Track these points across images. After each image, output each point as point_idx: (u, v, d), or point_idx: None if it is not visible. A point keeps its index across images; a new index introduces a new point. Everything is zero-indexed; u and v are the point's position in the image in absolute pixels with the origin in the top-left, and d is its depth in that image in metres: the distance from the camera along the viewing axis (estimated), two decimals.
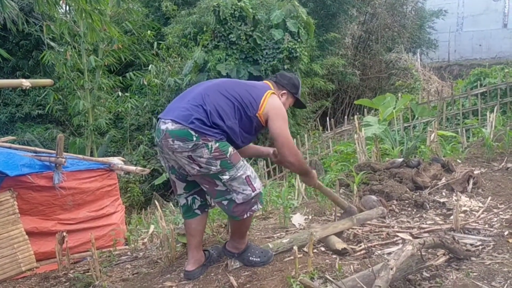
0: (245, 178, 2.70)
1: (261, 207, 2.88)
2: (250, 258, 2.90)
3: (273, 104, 2.81)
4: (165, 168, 2.95)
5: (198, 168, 2.63)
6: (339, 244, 3.07)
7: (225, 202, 2.72)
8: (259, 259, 2.91)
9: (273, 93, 2.89)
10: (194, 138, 2.57)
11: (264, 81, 3.07)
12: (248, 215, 2.75)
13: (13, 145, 4.98)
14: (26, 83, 4.35)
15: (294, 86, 3.07)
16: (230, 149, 2.66)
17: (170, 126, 2.61)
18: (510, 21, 21.52)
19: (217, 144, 2.60)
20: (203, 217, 2.98)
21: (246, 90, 2.80)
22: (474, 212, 3.77)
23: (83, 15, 6.57)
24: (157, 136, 2.74)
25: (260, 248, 2.98)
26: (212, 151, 2.59)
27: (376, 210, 3.69)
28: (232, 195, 2.70)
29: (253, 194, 2.73)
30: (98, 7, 7.00)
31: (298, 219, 3.84)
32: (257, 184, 2.78)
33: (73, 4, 6.57)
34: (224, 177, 2.65)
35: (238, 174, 2.68)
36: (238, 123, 2.72)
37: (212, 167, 2.62)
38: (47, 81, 5.19)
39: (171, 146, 2.62)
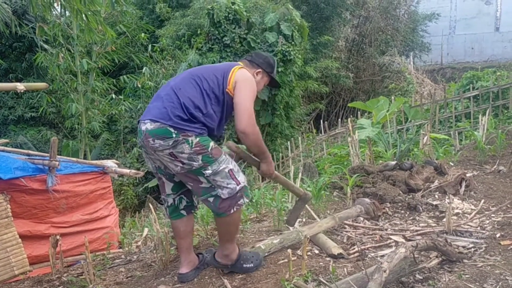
0: (228, 172, 2.67)
1: (247, 200, 2.82)
2: (244, 265, 2.86)
3: (241, 76, 2.79)
4: (152, 169, 2.93)
5: (181, 165, 2.63)
6: (335, 249, 3.09)
7: (211, 199, 2.70)
8: (252, 265, 2.88)
9: (242, 67, 2.86)
10: (174, 135, 2.57)
11: (239, 61, 3.04)
12: (235, 209, 2.71)
13: (6, 148, 4.95)
14: (20, 86, 4.33)
15: (269, 65, 3.04)
16: (211, 143, 2.66)
17: (149, 126, 2.63)
18: (502, 25, 21.71)
19: (198, 139, 2.61)
20: (189, 218, 2.98)
21: (212, 72, 2.80)
22: (466, 215, 3.80)
23: (78, 16, 6.57)
24: (139, 138, 2.76)
25: (249, 253, 2.94)
26: (193, 146, 2.59)
27: (355, 208, 3.81)
28: (217, 191, 2.67)
29: (238, 187, 2.70)
30: (93, 8, 6.98)
31: None
32: (241, 177, 2.75)
33: (67, 5, 6.54)
34: (207, 171, 2.63)
35: (221, 168, 2.65)
36: (213, 108, 2.70)
37: (194, 163, 2.61)
38: (42, 84, 5.17)
39: (152, 145, 2.63)
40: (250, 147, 2.71)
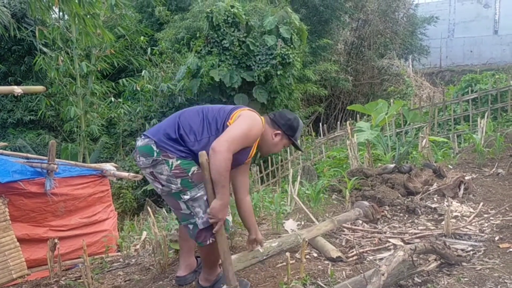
0: (206, 200, 2.51)
1: (226, 234, 2.61)
2: None
3: (246, 114, 2.65)
4: None
5: (160, 186, 2.56)
6: (334, 252, 3.09)
7: (190, 226, 2.60)
8: None
9: (252, 111, 2.71)
10: (155, 154, 2.51)
11: (261, 117, 2.80)
12: (210, 241, 2.55)
13: (4, 151, 4.95)
14: (18, 89, 4.32)
15: (291, 129, 2.81)
16: (194, 168, 2.52)
17: (139, 142, 2.61)
18: (500, 28, 21.77)
19: (179, 162, 2.49)
20: None
21: (222, 107, 2.71)
22: (465, 218, 3.80)
23: (76, 19, 6.57)
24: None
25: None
26: (173, 168, 2.49)
27: (354, 211, 3.80)
28: (195, 219, 2.55)
29: None
30: (92, 11, 6.99)
31: (290, 225, 3.85)
32: None
33: (66, 9, 6.54)
34: (185, 196, 2.52)
35: (199, 195, 2.52)
36: (210, 138, 2.54)
37: (172, 185, 2.53)
38: (39, 88, 5.15)
39: (138, 163, 2.60)
40: (212, 169, 2.42)
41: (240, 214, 2.93)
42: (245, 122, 2.58)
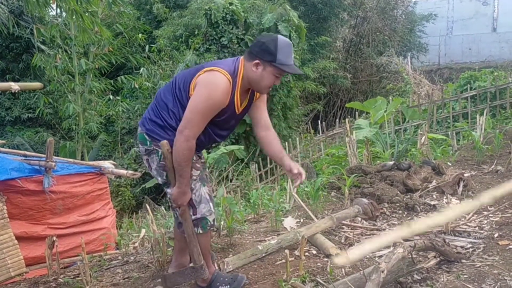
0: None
1: (201, 231, 2.55)
2: (220, 287, 2.68)
3: (202, 80, 2.38)
4: None
5: (155, 174, 2.57)
6: (333, 249, 3.08)
7: (175, 215, 2.63)
8: (228, 286, 2.68)
9: (210, 70, 2.40)
10: (148, 143, 2.49)
11: (240, 57, 2.56)
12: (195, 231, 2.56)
13: (2, 149, 4.92)
14: (15, 86, 4.30)
15: (267, 52, 2.38)
16: None
17: (138, 130, 2.58)
18: (499, 25, 21.76)
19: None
20: None
21: (186, 74, 2.49)
22: (464, 215, 3.79)
23: (74, 16, 6.54)
24: None
25: (227, 275, 2.77)
26: (161, 160, 2.46)
27: (353, 208, 3.80)
28: (177, 211, 2.56)
29: (192, 217, 2.53)
30: (90, 9, 6.97)
31: (289, 222, 3.84)
32: (201, 209, 2.53)
33: (63, 5, 6.51)
34: (168, 190, 2.51)
35: None
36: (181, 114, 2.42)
37: (159, 178, 2.54)
38: (37, 84, 5.13)
39: (138, 150, 2.59)
40: (173, 158, 2.37)
41: (267, 152, 2.75)
42: (200, 93, 2.35)
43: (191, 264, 2.66)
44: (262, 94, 2.64)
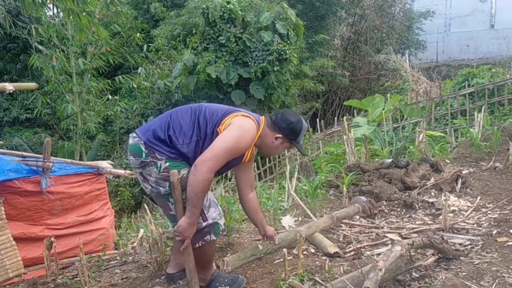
0: None
1: (214, 238, 2.54)
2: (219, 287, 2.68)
3: (237, 122, 2.48)
4: None
5: (150, 187, 2.51)
6: (332, 248, 3.08)
7: None
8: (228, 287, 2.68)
9: (247, 116, 2.55)
10: (144, 155, 2.44)
11: (261, 116, 2.72)
12: (199, 244, 2.50)
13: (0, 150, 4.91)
14: (9, 86, 4.29)
15: (293, 132, 2.66)
16: (183, 171, 2.43)
17: (130, 140, 2.53)
18: (497, 22, 21.77)
19: (168, 164, 2.41)
20: None
21: (216, 109, 2.56)
22: (462, 212, 3.80)
23: (71, 16, 6.52)
24: None
25: (228, 276, 2.75)
26: (161, 170, 2.42)
27: (352, 207, 3.79)
28: None
29: (204, 224, 2.48)
30: (87, 9, 6.94)
31: (288, 221, 3.84)
32: (211, 213, 2.51)
33: (60, 5, 6.49)
34: (173, 200, 2.45)
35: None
36: (199, 141, 2.46)
37: (161, 188, 2.47)
38: (31, 84, 5.12)
39: (128, 161, 2.54)
40: (188, 187, 2.32)
41: (246, 211, 2.89)
42: (233, 134, 2.43)
43: None
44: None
